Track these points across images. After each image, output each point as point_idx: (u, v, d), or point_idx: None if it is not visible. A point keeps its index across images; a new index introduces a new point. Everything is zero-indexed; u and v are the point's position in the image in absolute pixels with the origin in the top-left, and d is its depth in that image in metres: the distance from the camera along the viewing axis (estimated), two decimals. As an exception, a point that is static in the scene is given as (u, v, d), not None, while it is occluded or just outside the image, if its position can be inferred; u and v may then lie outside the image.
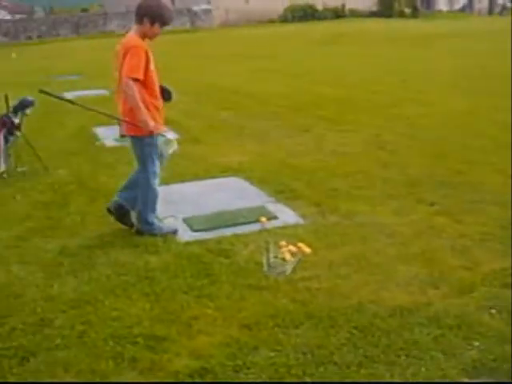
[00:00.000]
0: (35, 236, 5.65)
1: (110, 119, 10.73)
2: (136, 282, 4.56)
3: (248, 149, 8.68)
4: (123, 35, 5.43)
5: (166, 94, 5.70)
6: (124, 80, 5.07)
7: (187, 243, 5.29)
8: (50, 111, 11.68)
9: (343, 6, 43.10)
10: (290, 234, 5.37)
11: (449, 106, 11.30)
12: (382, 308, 4.08)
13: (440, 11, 47.21)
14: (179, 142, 9.38)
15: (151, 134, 5.26)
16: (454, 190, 6.43)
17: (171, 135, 5.93)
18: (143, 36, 5.26)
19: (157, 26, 5.26)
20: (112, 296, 4.37)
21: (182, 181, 7.19)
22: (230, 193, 6.30)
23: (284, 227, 5.55)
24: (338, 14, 42.49)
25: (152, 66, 5.29)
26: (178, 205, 6.39)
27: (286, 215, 5.90)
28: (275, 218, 5.81)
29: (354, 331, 3.81)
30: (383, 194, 6.40)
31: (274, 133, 9.70)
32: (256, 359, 3.56)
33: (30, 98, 7.80)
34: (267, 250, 4.79)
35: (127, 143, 9.53)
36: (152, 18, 5.22)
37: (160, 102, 5.48)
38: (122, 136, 9.81)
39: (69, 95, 14.94)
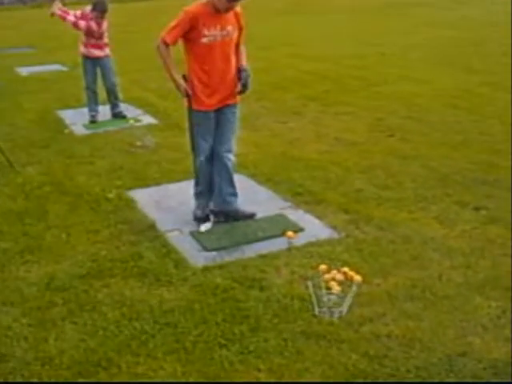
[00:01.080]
0: (12, 261, 4.58)
1: (76, 101, 9.74)
2: (155, 332, 3.57)
3: (240, 136, 7.67)
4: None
5: (240, 84, 4.99)
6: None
7: (205, 269, 4.30)
8: (5, 91, 10.42)
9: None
10: (326, 253, 4.47)
11: (440, 84, 10.46)
12: (478, 363, 3.22)
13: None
14: (159, 130, 8.43)
15: (199, 109, 4.89)
16: (493, 188, 5.64)
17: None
18: (214, 7, 4.67)
19: None
20: (128, 354, 3.38)
21: (174, 180, 6.20)
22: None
23: (316, 244, 4.62)
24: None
25: (206, 40, 4.69)
26: (177, 213, 5.39)
27: (314, 226, 4.97)
28: (301, 229, 4.89)
29: (459, 403, 2.96)
30: (416, 196, 5.53)
31: (263, 116, 8.72)
32: None
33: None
34: (314, 285, 3.90)
35: (100, 130, 8.54)
36: None
37: (213, 80, 4.86)
38: (92, 122, 8.76)
39: (24, 70, 13.68)
